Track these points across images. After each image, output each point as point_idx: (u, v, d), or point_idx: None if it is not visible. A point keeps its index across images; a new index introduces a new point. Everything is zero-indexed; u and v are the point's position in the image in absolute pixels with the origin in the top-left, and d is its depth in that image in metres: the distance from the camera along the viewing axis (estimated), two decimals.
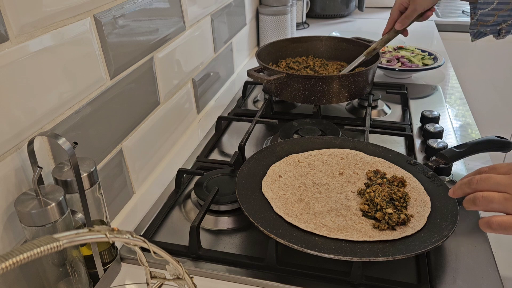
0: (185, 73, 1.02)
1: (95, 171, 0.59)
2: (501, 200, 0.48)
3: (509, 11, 0.81)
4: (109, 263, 0.64)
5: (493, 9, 0.82)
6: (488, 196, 0.49)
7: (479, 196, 0.50)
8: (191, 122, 1.08)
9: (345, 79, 0.99)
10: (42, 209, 0.50)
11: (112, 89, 0.73)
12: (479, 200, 0.50)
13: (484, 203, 0.49)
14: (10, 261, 0.24)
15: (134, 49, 0.79)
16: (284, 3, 1.54)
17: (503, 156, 1.87)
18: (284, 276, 0.63)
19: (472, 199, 0.51)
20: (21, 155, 0.55)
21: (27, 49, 0.55)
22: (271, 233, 0.60)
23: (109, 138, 0.74)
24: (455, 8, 2.15)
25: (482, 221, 0.49)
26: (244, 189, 0.70)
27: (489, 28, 0.88)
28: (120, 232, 0.34)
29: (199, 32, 1.07)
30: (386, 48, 1.42)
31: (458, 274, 0.62)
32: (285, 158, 0.79)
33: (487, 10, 0.83)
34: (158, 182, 0.86)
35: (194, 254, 0.66)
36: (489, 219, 0.48)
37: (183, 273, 0.42)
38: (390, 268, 0.64)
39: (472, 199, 0.51)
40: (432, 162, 0.78)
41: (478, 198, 0.50)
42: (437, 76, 1.33)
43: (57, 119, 0.61)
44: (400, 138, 0.98)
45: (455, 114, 1.11)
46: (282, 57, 1.21)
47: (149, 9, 0.82)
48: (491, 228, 0.48)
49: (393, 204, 0.65)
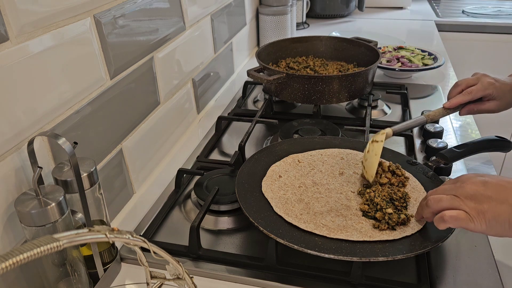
0: (185, 73, 1.02)
1: (95, 171, 0.59)
2: (448, 199, 0.55)
3: None
4: (109, 263, 0.64)
5: None
6: (437, 197, 0.56)
7: (430, 198, 0.57)
8: (191, 122, 1.08)
9: (345, 79, 0.99)
10: (42, 209, 0.50)
11: (112, 89, 0.73)
12: (429, 201, 0.57)
13: (434, 202, 0.56)
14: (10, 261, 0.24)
15: (134, 49, 0.79)
16: (284, 3, 1.54)
17: (503, 156, 1.87)
18: (284, 276, 0.63)
19: (424, 203, 0.59)
20: (21, 155, 0.55)
21: (27, 49, 0.55)
22: (271, 233, 0.60)
23: (109, 138, 0.74)
24: (455, 8, 2.15)
25: (436, 217, 0.56)
26: (244, 189, 0.70)
27: None
28: (120, 232, 0.34)
29: (199, 32, 1.07)
30: (386, 48, 1.42)
31: (458, 274, 0.62)
32: (285, 158, 0.79)
33: None
34: (158, 182, 0.86)
35: (194, 254, 0.66)
36: (442, 214, 0.54)
37: (183, 273, 0.42)
38: (390, 268, 0.64)
39: (425, 203, 0.58)
40: (432, 162, 0.78)
41: (429, 199, 0.57)
42: (437, 76, 1.33)
43: (57, 119, 0.61)
44: (400, 138, 0.98)
45: (455, 114, 1.10)
46: (282, 57, 1.21)
47: (149, 9, 0.82)
48: (444, 220, 0.54)
49: (393, 204, 0.65)
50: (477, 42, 1.90)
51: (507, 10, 2.03)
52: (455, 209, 0.53)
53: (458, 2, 2.26)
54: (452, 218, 0.53)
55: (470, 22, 1.89)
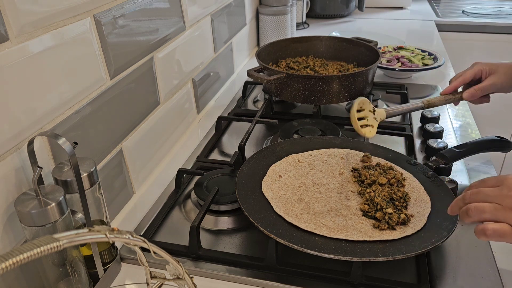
0: (185, 73, 1.02)
1: (95, 171, 0.59)
2: (492, 210, 0.51)
3: None
4: (109, 263, 0.64)
5: None
6: (479, 206, 0.52)
7: (471, 207, 0.53)
8: (191, 122, 1.08)
9: (345, 79, 0.99)
10: (42, 209, 0.50)
11: (112, 89, 0.73)
12: (471, 210, 0.53)
13: (476, 213, 0.52)
14: (10, 261, 0.24)
15: (134, 49, 0.79)
16: (284, 3, 1.54)
17: (503, 156, 1.87)
18: (284, 276, 0.63)
19: (465, 210, 0.54)
20: (21, 155, 0.55)
21: (27, 49, 0.55)
22: (271, 233, 0.60)
23: (109, 138, 0.74)
24: (455, 8, 2.15)
25: (477, 228, 0.52)
26: (244, 189, 0.70)
27: None
28: (120, 232, 0.34)
29: (199, 32, 1.07)
30: (386, 48, 1.42)
31: (458, 274, 0.62)
32: (285, 158, 0.79)
33: None
34: (158, 182, 0.86)
35: (194, 254, 0.66)
36: (484, 227, 0.51)
37: (183, 273, 0.42)
38: (390, 268, 0.64)
39: (465, 211, 0.54)
40: (432, 162, 0.78)
41: (470, 209, 0.53)
42: (437, 76, 1.33)
43: (57, 119, 0.61)
44: (400, 138, 0.98)
45: (455, 114, 1.10)
46: (282, 57, 1.21)
47: (149, 9, 0.82)
48: (486, 235, 0.50)
49: (393, 204, 0.65)
50: (477, 42, 1.90)
51: (507, 10, 2.03)
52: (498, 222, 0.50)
53: (458, 2, 2.26)
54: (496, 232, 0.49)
55: (470, 22, 1.89)
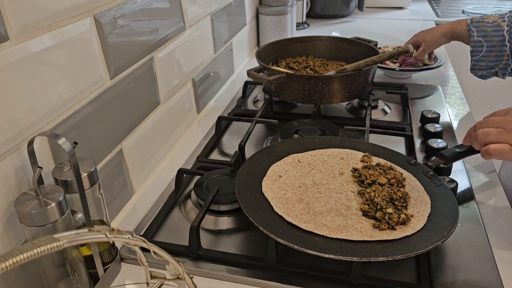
0: (185, 73, 1.02)
1: (95, 171, 0.59)
2: (496, 133, 0.58)
3: (496, 57, 0.99)
4: (109, 263, 0.64)
5: (483, 56, 1.00)
6: (486, 130, 0.60)
7: (479, 132, 0.61)
8: (191, 122, 1.08)
9: (345, 79, 0.99)
10: (42, 209, 0.50)
11: (112, 89, 0.73)
12: (478, 134, 0.61)
13: (482, 136, 0.60)
14: (10, 261, 0.24)
15: (134, 49, 0.79)
16: (284, 3, 1.54)
17: None
18: (284, 276, 0.63)
19: (474, 135, 0.62)
20: (21, 155, 0.55)
21: (27, 49, 0.55)
22: (271, 233, 0.60)
23: (109, 138, 0.74)
24: (455, 8, 2.15)
25: (482, 150, 0.59)
26: (244, 189, 0.70)
27: (485, 72, 1.03)
28: (120, 232, 0.34)
29: (199, 32, 1.07)
30: (386, 48, 1.42)
31: (458, 274, 0.62)
32: (285, 158, 0.79)
33: (479, 56, 1.00)
34: (158, 182, 0.86)
35: (194, 254, 0.66)
36: (487, 147, 0.58)
37: (183, 273, 0.42)
38: (390, 268, 0.64)
39: (474, 136, 0.61)
40: (432, 162, 0.78)
41: (478, 133, 0.61)
42: (437, 76, 1.33)
43: (57, 119, 0.61)
44: (400, 138, 0.98)
45: (455, 114, 1.11)
46: (282, 57, 1.21)
47: (149, 9, 0.82)
48: (489, 153, 0.57)
49: (393, 204, 0.65)
50: None
51: (507, 10, 2.03)
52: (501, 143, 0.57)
53: (458, 2, 2.26)
54: (497, 151, 0.57)
55: None
